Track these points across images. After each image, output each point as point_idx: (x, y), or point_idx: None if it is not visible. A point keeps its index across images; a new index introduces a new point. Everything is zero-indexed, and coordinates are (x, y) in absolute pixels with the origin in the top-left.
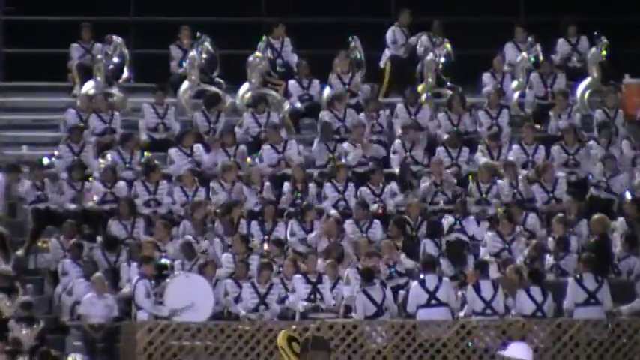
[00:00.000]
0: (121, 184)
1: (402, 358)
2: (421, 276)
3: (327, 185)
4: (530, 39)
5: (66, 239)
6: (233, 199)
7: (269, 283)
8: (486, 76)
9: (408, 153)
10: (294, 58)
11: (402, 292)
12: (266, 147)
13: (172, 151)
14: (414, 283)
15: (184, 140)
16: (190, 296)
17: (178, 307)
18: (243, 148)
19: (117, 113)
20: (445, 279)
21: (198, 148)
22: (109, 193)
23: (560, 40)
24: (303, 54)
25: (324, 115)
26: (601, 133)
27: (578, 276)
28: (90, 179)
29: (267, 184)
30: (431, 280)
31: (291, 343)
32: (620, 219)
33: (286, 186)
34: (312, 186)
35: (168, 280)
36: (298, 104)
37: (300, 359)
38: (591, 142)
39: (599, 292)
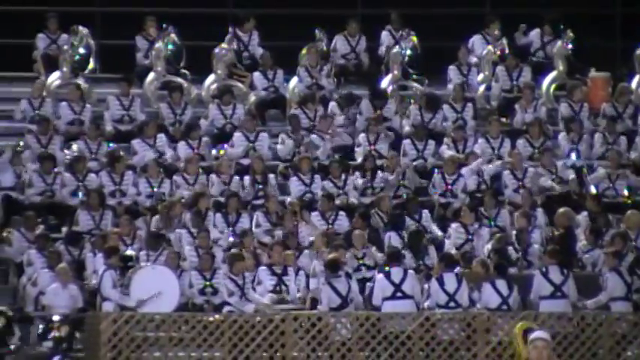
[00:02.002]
0: (92, 175)
1: (366, 350)
2: (386, 268)
3: (293, 178)
4: (496, 32)
5: (27, 231)
6: (199, 191)
7: (242, 274)
8: (452, 70)
9: (372, 146)
10: (259, 51)
11: (369, 285)
12: (238, 134)
13: (135, 142)
14: (380, 276)
15: (146, 130)
16: (156, 287)
17: (145, 298)
18: (206, 139)
19: (88, 105)
20: (410, 272)
21: (161, 138)
22: (81, 186)
23: (534, 32)
24: (269, 46)
25: (295, 112)
26: (569, 127)
27: (544, 269)
28: (55, 169)
29: (235, 177)
30: (396, 272)
31: (527, 334)
32: (583, 213)
33: (247, 179)
34: (272, 177)
35: (134, 271)
36: (263, 93)
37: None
38: (561, 135)
39: (564, 285)
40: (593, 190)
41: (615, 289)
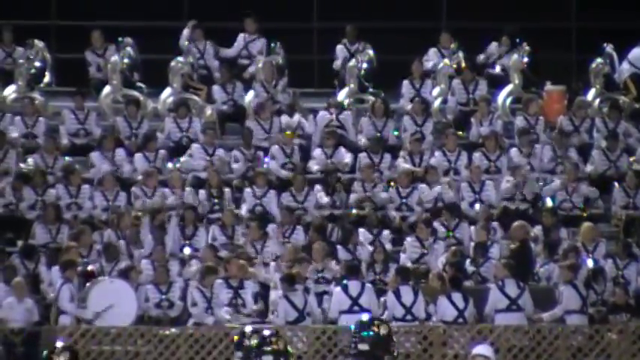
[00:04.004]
0: (52, 191)
1: None
2: (344, 282)
3: (247, 190)
4: (453, 45)
5: None
6: (157, 206)
7: (211, 288)
8: (405, 84)
9: (329, 160)
10: (215, 63)
11: (327, 298)
12: (196, 146)
13: (94, 155)
14: (337, 289)
15: (105, 144)
16: (114, 301)
17: (100, 310)
18: (163, 152)
19: (42, 119)
20: (368, 285)
21: (119, 152)
22: (39, 200)
23: (494, 45)
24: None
25: (250, 124)
26: (521, 140)
27: (500, 282)
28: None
29: (187, 188)
30: (354, 286)
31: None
32: (538, 226)
33: (202, 193)
34: (227, 190)
35: (91, 284)
36: (224, 107)
37: None
38: (513, 150)
39: (520, 298)
40: (549, 203)
41: (571, 302)
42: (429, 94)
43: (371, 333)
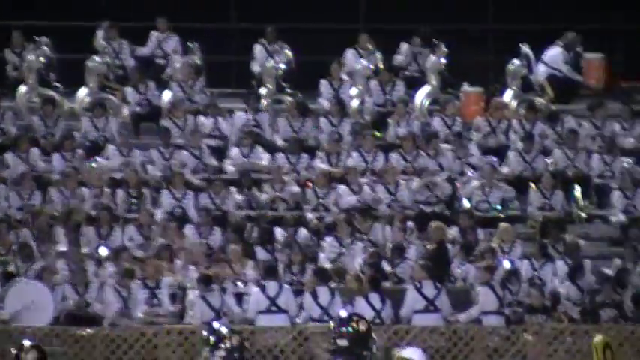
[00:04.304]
0: None
1: None
2: (262, 282)
3: (164, 192)
4: (370, 46)
5: None
6: (72, 206)
7: (129, 289)
8: (323, 84)
9: (245, 160)
10: (131, 63)
11: (246, 299)
12: (112, 147)
13: (8, 156)
14: (255, 289)
15: (19, 145)
16: (31, 301)
17: (19, 308)
18: (81, 152)
19: None
20: (286, 286)
21: (33, 152)
22: None
23: (405, 46)
24: (141, 58)
25: (165, 123)
26: (430, 144)
27: (417, 283)
28: None
29: (106, 190)
30: (272, 286)
31: (605, 350)
32: (455, 227)
33: (120, 193)
34: (146, 191)
35: (9, 285)
36: (138, 108)
37: None
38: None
39: (437, 299)
40: (466, 204)
41: (487, 303)
42: (347, 94)
43: (350, 329)
